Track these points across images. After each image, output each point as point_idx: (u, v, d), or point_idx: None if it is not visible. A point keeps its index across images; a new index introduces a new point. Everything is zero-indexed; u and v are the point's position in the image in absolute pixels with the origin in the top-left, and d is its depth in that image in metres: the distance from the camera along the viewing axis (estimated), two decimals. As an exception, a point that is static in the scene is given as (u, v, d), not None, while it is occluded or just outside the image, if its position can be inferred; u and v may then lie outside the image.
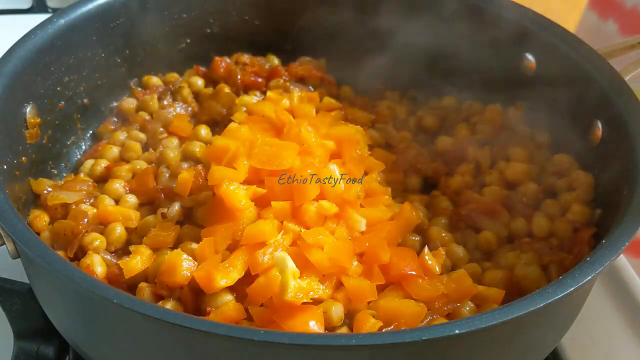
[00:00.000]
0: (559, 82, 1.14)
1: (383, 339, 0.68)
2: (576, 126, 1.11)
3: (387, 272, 0.91)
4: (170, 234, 0.96)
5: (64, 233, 0.98)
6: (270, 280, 0.84)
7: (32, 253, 0.76)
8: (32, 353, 0.99)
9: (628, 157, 0.95)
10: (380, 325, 0.84)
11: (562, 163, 1.12)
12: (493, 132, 1.22)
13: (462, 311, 0.89)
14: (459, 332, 0.69)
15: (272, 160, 0.97)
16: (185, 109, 1.25)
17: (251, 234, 0.90)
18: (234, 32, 1.36)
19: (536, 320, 0.80)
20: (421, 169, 1.17)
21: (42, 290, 0.92)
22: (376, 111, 1.25)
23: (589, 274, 0.76)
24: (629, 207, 0.86)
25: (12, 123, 1.01)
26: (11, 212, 0.82)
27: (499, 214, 1.06)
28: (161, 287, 0.89)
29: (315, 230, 0.92)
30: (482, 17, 1.22)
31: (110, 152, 1.16)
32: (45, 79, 1.09)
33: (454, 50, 1.27)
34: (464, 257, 1.00)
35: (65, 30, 1.10)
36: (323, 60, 1.37)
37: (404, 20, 1.30)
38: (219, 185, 0.95)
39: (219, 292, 0.87)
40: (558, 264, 0.97)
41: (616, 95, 1.03)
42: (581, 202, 1.05)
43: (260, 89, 1.30)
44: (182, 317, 0.70)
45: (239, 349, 0.72)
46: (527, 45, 1.20)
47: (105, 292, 0.72)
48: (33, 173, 1.07)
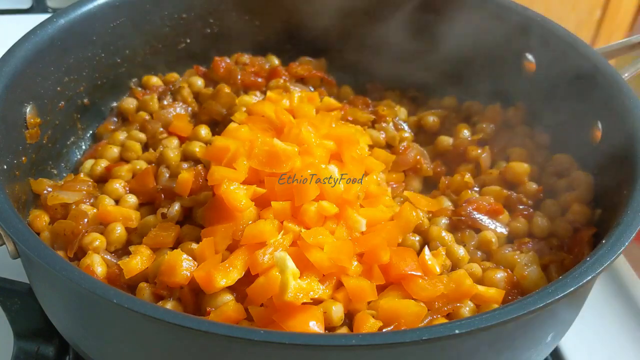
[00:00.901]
0: (559, 82, 1.14)
1: (383, 339, 0.68)
2: (576, 126, 1.11)
3: (387, 272, 0.91)
4: (170, 234, 0.96)
5: (64, 233, 0.98)
6: (270, 280, 0.84)
7: (32, 253, 0.76)
8: (32, 353, 0.99)
9: (628, 157, 0.95)
10: (380, 325, 0.84)
11: (562, 163, 1.12)
12: (493, 132, 1.22)
13: (462, 311, 0.89)
14: (459, 332, 0.69)
15: (271, 162, 0.98)
16: (185, 109, 1.24)
17: (251, 234, 0.90)
18: (234, 32, 1.36)
19: (536, 320, 0.80)
20: (421, 169, 1.17)
21: (42, 290, 0.92)
22: (376, 111, 1.25)
23: (589, 274, 0.77)
24: (629, 207, 0.86)
25: (12, 123, 1.01)
26: (11, 212, 0.82)
27: (499, 214, 1.06)
28: (161, 287, 0.89)
29: (315, 230, 0.92)
30: (482, 17, 1.22)
31: (110, 152, 1.16)
32: (45, 79, 1.09)
33: (454, 50, 1.27)
34: (464, 257, 1.00)
35: (65, 30, 1.10)
36: (323, 60, 1.37)
37: (404, 20, 1.30)
38: (219, 185, 0.95)
39: (219, 292, 0.87)
40: (558, 264, 0.97)
41: (616, 95, 1.03)
42: (581, 202, 1.05)
43: (260, 89, 1.30)
44: (182, 317, 0.70)
45: (239, 349, 0.72)
46: (527, 45, 1.20)
47: (105, 292, 0.72)
48: (33, 173, 1.07)
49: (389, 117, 1.24)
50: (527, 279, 0.95)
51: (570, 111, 1.13)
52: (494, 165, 1.18)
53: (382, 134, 1.20)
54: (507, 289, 0.94)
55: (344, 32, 1.37)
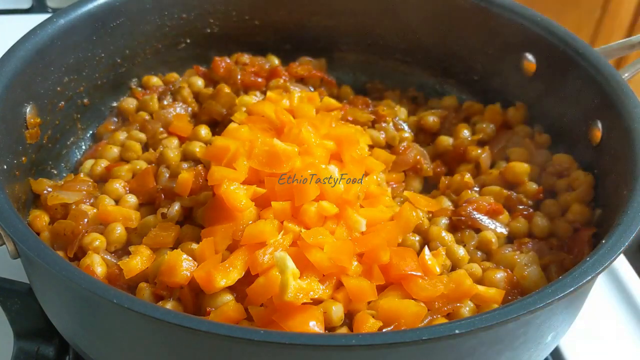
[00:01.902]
0: (559, 82, 1.14)
1: (383, 339, 0.68)
2: (576, 126, 1.11)
3: (387, 272, 0.91)
4: (170, 234, 0.96)
5: (64, 233, 0.98)
6: (270, 280, 0.84)
7: (32, 253, 0.76)
8: (32, 353, 0.99)
9: (628, 157, 0.95)
10: (380, 325, 0.84)
11: (562, 163, 1.12)
12: (493, 132, 1.22)
13: (462, 311, 0.89)
14: (459, 332, 0.69)
15: (271, 162, 0.98)
16: (185, 109, 1.24)
17: (251, 234, 0.90)
18: (234, 32, 1.36)
19: (536, 320, 0.80)
20: (421, 169, 1.17)
21: (42, 290, 0.92)
22: (376, 111, 1.25)
23: (589, 274, 0.77)
24: (629, 207, 0.86)
25: (12, 123, 1.00)
26: (11, 212, 0.82)
27: (499, 214, 1.06)
28: (161, 287, 0.89)
29: (315, 230, 0.92)
30: (482, 17, 1.22)
31: (110, 152, 1.16)
32: (45, 79, 1.09)
33: (454, 49, 1.27)
34: (464, 257, 1.00)
35: (65, 30, 1.10)
36: (323, 60, 1.37)
37: (404, 20, 1.30)
38: (219, 185, 0.95)
39: (219, 292, 0.87)
40: (558, 264, 0.97)
41: (616, 95, 1.03)
42: (581, 202, 1.05)
43: (260, 89, 1.30)
44: (182, 317, 0.70)
45: (239, 349, 0.72)
46: (527, 45, 1.20)
47: (105, 292, 0.72)
48: (33, 173, 1.07)
49: (389, 117, 1.24)
50: (527, 279, 0.95)
51: (570, 111, 1.13)
52: (494, 165, 1.18)
53: (382, 134, 1.20)
54: (507, 289, 0.94)
55: (344, 32, 1.37)
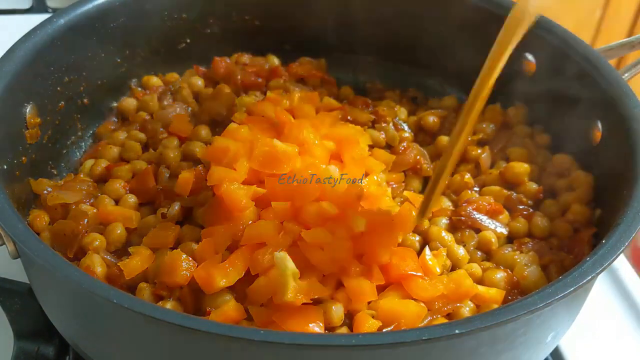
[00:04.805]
0: (559, 82, 1.14)
1: (383, 339, 0.68)
2: (576, 126, 1.11)
3: (387, 272, 0.91)
4: (170, 234, 0.96)
5: (64, 233, 0.98)
6: (270, 280, 0.84)
7: (32, 253, 0.76)
8: (32, 353, 0.99)
9: (628, 157, 0.95)
10: (380, 325, 0.84)
11: (562, 163, 1.12)
12: (493, 132, 1.22)
13: (462, 311, 0.89)
14: (459, 332, 0.69)
15: (271, 163, 0.97)
16: (185, 109, 1.24)
17: (251, 234, 0.90)
18: (234, 32, 1.36)
19: (536, 320, 0.80)
20: (421, 169, 1.17)
21: (42, 290, 0.92)
22: (376, 111, 1.25)
23: (589, 274, 0.77)
24: (629, 207, 0.86)
25: (12, 123, 1.00)
26: (11, 212, 0.82)
27: (499, 214, 1.06)
28: (161, 288, 0.89)
29: (315, 230, 0.92)
30: (482, 17, 1.22)
31: (110, 152, 1.16)
32: (45, 79, 1.08)
33: (454, 50, 1.27)
34: (464, 257, 1.00)
35: (65, 30, 1.10)
36: (323, 60, 1.37)
37: (404, 20, 1.30)
38: (219, 186, 0.95)
39: (219, 292, 0.87)
40: (558, 264, 0.97)
41: (616, 95, 1.03)
42: (581, 202, 1.05)
43: (260, 89, 1.29)
44: (182, 317, 0.69)
45: (239, 349, 0.72)
46: (527, 45, 1.20)
47: (105, 292, 0.71)
48: (33, 173, 1.07)
49: (389, 117, 1.24)
50: (527, 279, 0.95)
51: (570, 111, 1.13)
52: (494, 165, 1.17)
53: (382, 134, 1.20)
54: (507, 289, 0.94)
55: (344, 32, 1.37)
